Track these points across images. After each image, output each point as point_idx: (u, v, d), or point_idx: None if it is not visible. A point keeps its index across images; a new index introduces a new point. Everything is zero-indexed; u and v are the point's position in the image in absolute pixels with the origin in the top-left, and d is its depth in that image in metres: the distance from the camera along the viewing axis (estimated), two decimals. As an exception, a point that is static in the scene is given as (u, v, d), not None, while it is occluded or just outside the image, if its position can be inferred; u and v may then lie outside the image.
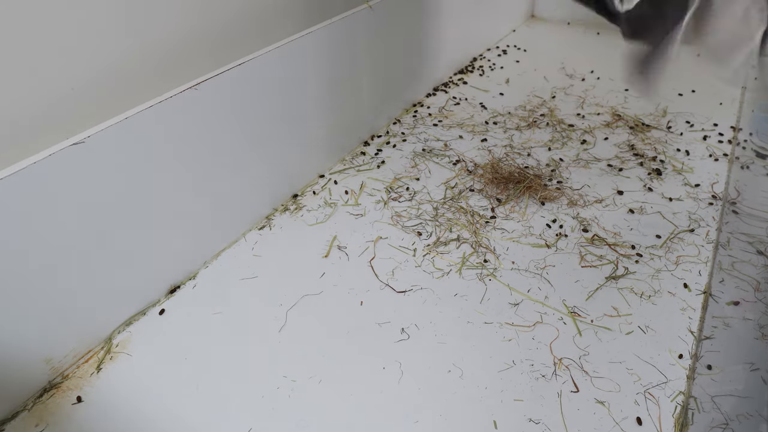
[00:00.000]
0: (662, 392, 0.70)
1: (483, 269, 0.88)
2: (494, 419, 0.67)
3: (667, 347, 0.75)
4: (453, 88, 1.47)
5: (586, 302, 0.82)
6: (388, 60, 1.20)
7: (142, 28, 0.82)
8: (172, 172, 0.78)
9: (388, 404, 0.69)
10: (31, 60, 0.71)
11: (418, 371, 0.73)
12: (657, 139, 1.21)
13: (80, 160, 0.66)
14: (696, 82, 1.45)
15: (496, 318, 0.80)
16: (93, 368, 0.73)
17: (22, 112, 0.72)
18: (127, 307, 0.79)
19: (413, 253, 0.91)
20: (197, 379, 0.72)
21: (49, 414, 0.68)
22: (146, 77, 0.85)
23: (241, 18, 0.98)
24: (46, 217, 0.64)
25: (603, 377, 0.71)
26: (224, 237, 0.92)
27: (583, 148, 1.19)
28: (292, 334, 0.78)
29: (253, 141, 0.91)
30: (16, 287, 0.64)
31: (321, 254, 0.91)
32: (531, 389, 0.70)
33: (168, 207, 0.80)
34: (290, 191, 1.04)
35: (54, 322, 0.70)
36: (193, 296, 0.84)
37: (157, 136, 0.74)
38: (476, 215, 0.99)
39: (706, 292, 0.83)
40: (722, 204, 1.01)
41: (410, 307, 0.81)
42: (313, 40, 0.95)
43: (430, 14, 1.31)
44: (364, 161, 1.15)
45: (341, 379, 0.72)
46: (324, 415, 0.67)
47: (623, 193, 1.04)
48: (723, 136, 1.22)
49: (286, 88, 0.93)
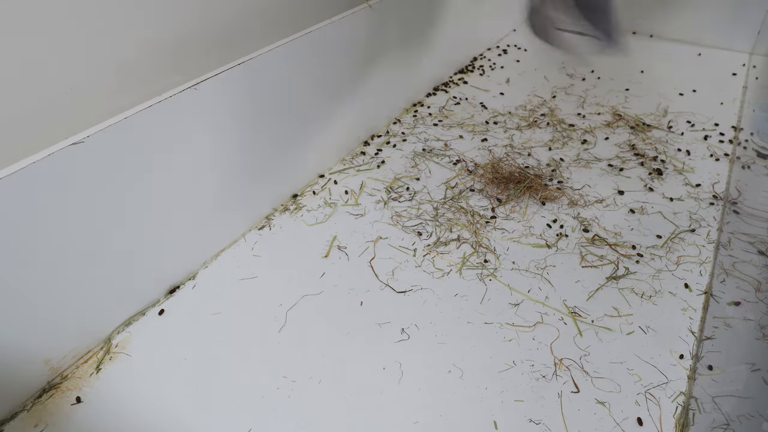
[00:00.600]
0: (663, 393, 0.70)
1: (483, 269, 0.87)
2: (494, 420, 0.67)
3: (668, 347, 0.75)
4: (453, 87, 1.47)
5: (587, 302, 0.82)
6: (388, 59, 1.20)
7: (142, 26, 0.82)
8: (171, 172, 0.78)
9: (388, 404, 0.69)
10: (29, 59, 0.70)
11: (418, 372, 0.72)
12: (658, 139, 1.21)
13: (79, 160, 0.66)
14: (697, 81, 1.45)
15: (497, 318, 0.79)
16: (92, 369, 0.73)
17: (20, 111, 0.71)
18: (126, 308, 0.79)
19: (413, 253, 0.91)
20: (197, 380, 0.71)
21: (48, 415, 0.67)
22: (146, 76, 0.85)
23: (241, 17, 0.98)
24: (46, 218, 0.64)
25: (604, 377, 0.71)
26: (224, 237, 0.92)
27: (583, 148, 1.19)
28: (292, 335, 0.77)
29: (252, 140, 0.91)
30: (16, 287, 0.64)
31: (321, 254, 0.91)
32: (531, 390, 0.70)
33: (167, 207, 0.79)
34: (290, 191, 1.04)
35: (53, 323, 0.69)
36: (193, 296, 0.84)
37: (156, 135, 0.74)
38: (476, 215, 0.99)
39: (707, 293, 0.83)
40: (723, 204, 1.01)
41: (410, 308, 0.81)
42: (312, 40, 0.94)
43: (430, 13, 1.31)
44: (364, 161, 1.15)
45: (341, 379, 0.72)
46: (324, 416, 0.67)
47: (624, 193, 1.04)
48: (724, 136, 1.21)
49: (286, 87, 0.93)
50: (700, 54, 1.62)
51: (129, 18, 0.79)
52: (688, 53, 1.63)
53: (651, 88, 1.42)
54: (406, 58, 1.28)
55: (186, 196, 0.82)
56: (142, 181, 0.74)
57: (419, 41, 1.31)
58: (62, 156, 0.64)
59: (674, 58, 1.59)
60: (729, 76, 1.49)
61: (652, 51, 1.65)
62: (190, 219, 0.84)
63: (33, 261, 0.65)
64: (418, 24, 1.27)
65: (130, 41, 0.80)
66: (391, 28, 1.16)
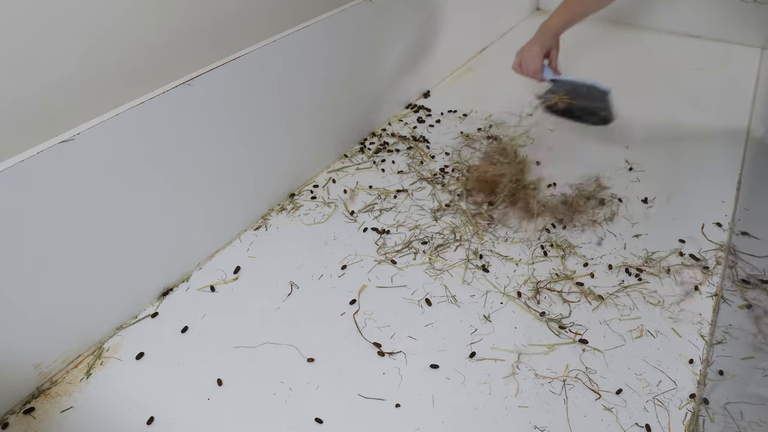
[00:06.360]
0: (672, 399, 0.68)
1: (485, 273, 0.85)
2: (499, 426, 0.65)
3: (678, 352, 0.73)
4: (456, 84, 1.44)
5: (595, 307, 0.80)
6: (389, 55, 1.17)
7: (134, 21, 0.80)
8: (164, 170, 0.76)
9: (388, 410, 0.67)
10: (19, 55, 0.69)
11: (419, 376, 0.70)
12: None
13: (70, 158, 0.64)
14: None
15: (499, 321, 0.77)
16: (83, 373, 0.71)
17: (9, 108, 0.70)
18: (118, 310, 0.77)
19: (414, 256, 0.89)
20: (190, 385, 0.69)
21: (37, 421, 0.65)
22: (138, 72, 0.83)
23: (235, 12, 0.96)
24: (35, 218, 0.62)
25: (611, 383, 0.69)
26: (219, 237, 0.90)
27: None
28: (289, 338, 0.75)
29: (249, 138, 0.88)
30: (4, 289, 0.62)
31: (319, 255, 0.89)
32: (537, 395, 0.68)
33: (160, 206, 0.77)
34: (287, 190, 1.02)
35: (43, 326, 0.67)
36: (186, 299, 0.81)
37: (148, 133, 0.72)
38: (478, 217, 0.96)
39: (717, 295, 0.81)
40: (734, 206, 0.98)
41: (411, 312, 0.79)
42: (310, 34, 0.92)
43: (431, 8, 1.28)
44: (363, 159, 1.12)
45: (339, 384, 0.69)
46: (321, 422, 0.65)
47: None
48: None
49: (283, 83, 0.91)
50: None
51: (120, 12, 0.78)
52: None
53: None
54: (407, 53, 1.25)
55: (179, 195, 0.80)
56: (133, 179, 0.72)
57: (421, 36, 1.28)
58: (51, 154, 0.62)
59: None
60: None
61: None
62: (184, 219, 0.82)
63: (21, 262, 0.63)
64: (419, 18, 1.24)
65: (121, 36, 0.79)
66: (391, 22, 1.14)
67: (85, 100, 0.78)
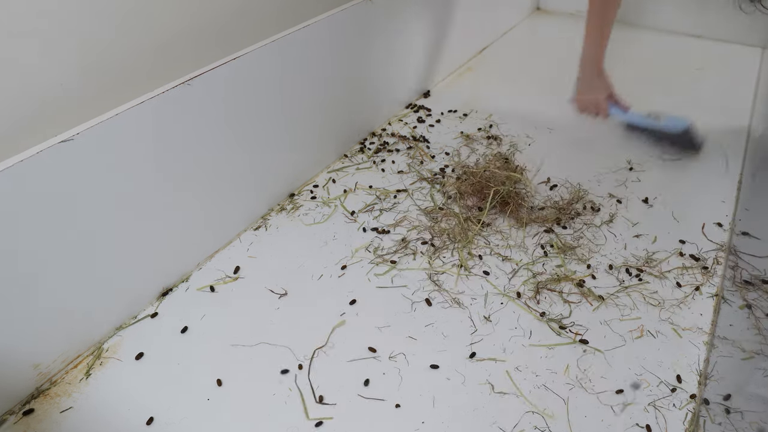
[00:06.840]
0: (672, 399, 0.67)
1: (483, 275, 0.85)
2: (499, 426, 0.64)
3: (678, 352, 0.73)
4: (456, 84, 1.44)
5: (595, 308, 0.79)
6: (389, 55, 1.17)
7: (134, 21, 0.80)
8: (163, 170, 0.76)
9: (389, 409, 0.66)
10: (18, 55, 0.68)
11: (420, 376, 0.70)
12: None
13: (69, 158, 0.64)
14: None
15: (499, 322, 0.77)
16: (82, 374, 0.71)
17: (9, 108, 0.70)
18: (117, 311, 0.77)
19: (413, 257, 0.88)
20: (189, 385, 0.69)
21: (36, 422, 0.65)
22: (138, 72, 0.83)
23: (235, 12, 0.96)
24: (35, 218, 0.62)
25: (611, 383, 0.69)
26: (218, 237, 0.90)
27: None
28: (289, 339, 0.75)
29: (249, 138, 0.88)
30: (3, 289, 0.62)
31: (318, 255, 0.89)
32: (537, 396, 0.68)
33: (159, 206, 0.77)
34: (287, 190, 1.02)
35: (42, 326, 0.67)
36: (186, 299, 0.81)
37: (148, 133, 0.72)
38: (470, 220, 0.96)
39: (717, 295, 0.80)
40: (734, 206, 0.98)
41: (410, 313, 0.79)
42: (310, 34, 0.92)
43: (431, 8, 1.28)
44: (363, 159, 1.12)
45: (339, 383, 0.69)
46: (321, 422, 0.65)
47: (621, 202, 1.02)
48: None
49: (283, 83, 0.91)
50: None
51: (121, 12, 0.77)
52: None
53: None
54: (407, 53, 1.25)
55: (179, 196, 0.80)
56: (132, 179, 0.72)
57: (421, 36, 1.28)
58: (51, 154, 0.62)
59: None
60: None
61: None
62: (184, 219, 0.82)
63: (21, 262, 0.63)
64: (419, 18, 1.24)
65: (121, 36, 0.79)
66: (391, 22, 1.14)
67: (85, 100, 0.77)
